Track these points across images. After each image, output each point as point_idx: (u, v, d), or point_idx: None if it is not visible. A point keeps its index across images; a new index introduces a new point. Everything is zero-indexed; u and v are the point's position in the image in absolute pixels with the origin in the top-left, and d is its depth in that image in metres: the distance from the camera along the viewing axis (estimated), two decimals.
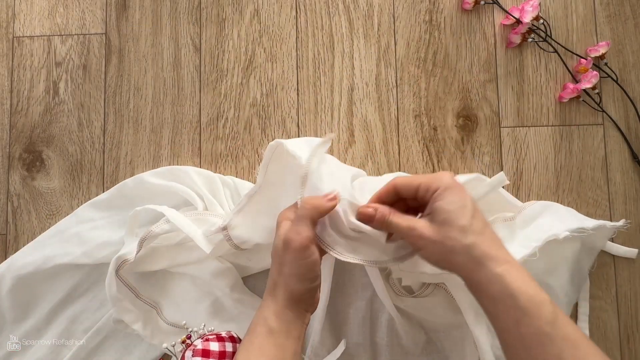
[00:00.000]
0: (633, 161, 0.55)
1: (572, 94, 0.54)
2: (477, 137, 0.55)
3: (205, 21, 0.57)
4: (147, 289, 0.50)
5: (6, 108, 0.57)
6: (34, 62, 0.57)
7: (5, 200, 0.56)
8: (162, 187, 0.51)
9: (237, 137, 0.56)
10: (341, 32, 0.57)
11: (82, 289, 0.53)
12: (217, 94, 0.56)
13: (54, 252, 0.51)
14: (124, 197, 0.53)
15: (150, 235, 0.46)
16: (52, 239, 0.53)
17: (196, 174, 0.52)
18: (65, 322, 0.53)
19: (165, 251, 0.49)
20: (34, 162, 0.56)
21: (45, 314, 0.53)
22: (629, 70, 0.56)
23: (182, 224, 0.46)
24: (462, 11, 0.57)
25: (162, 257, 0.50)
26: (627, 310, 0.53)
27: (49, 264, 0.51)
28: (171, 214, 0.47)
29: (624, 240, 0.54)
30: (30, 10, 0.58)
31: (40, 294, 0.53)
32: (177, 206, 0.51)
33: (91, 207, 0.54)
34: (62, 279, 0.53)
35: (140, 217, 0.49)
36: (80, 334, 0.52)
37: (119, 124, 0.56)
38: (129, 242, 0.48)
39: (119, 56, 0.57)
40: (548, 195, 0.54)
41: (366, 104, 0.56)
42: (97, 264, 0.51)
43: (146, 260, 0.49)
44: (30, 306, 0.53)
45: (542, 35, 0.56)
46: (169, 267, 0.50)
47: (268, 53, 0.57)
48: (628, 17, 0.56)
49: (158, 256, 0.50)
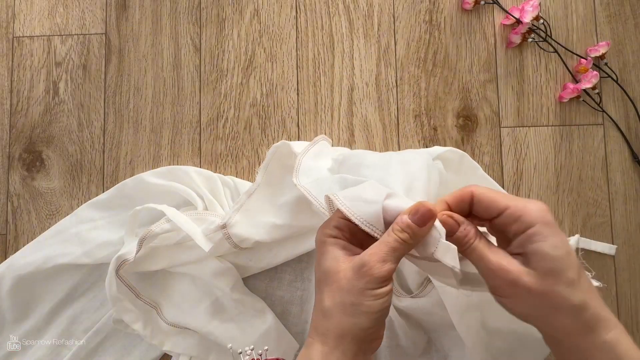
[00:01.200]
0: (633, 161, 0.55)
1: (572, 94, 0.54)
2: (477, 137, 0.55)
3: (205, 21, 0.57)
4: (147, 289, 0.50)
5: (6, 108, 0.57)
6: (33, 62, 0.57)
7: (5, 200, 0.56)
8: (162, 187, 0.51)
9: (237, 137, 0.56)
10: (341, 32, 0.57)
11: (83, 289, 0.53)
12: (217, 94, 0.56)
13: (54, 252, 0.51)
14: (124, 197, 0.53)
15: (150, 234, 0.46)
16: (52, 239, 0.53)
17: (196, 173, 0.51)
18: (65, 322, 0.52)
19: (165, 251, 0.49)
20: (33, 162, 0.56)
21: (45, 314, 0.52)
22: (629, 70, 0.56)
23: (182, 222, 0.46)
24: (462, 11, 0.57)
25: (162, 257, 0.50)
26: (627, 311, 0.53)
27: (49, 263, 0.51)
28: (171, 212, 0.46)
29: (624, 240, 0.54)
30: (30, 10, 0.58)
31: (41, 294, 0.53)
32: (178, 206, 0.51)
33: (91, 207, 0.53)
34: (62, 279, 0.52)
35: (140, 216, 0.49)
36: (80, 334, 0.52)
37: (118, 124, 0.56)
38: (128, 241, 0.48)
39: (118, 56, 0.57)
40: (548, 195, 0.54)
41: (366, 104, 0.56)
42: (98, 264, 0.51)
43: (146, 260, 0.49)
44: (30, 306, 0.53)
45: (542, 35, 0.56)
46: (169, 267, 0.50)
47: (268, 53, 0.57)
48: (628, 17, 0.56)
49: (158, 256, 0.50)
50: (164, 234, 0.47)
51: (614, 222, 0.54)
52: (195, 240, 0.45)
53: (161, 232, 0.46)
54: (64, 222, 0.54)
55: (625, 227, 0.54)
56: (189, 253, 0.49)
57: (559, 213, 0.54)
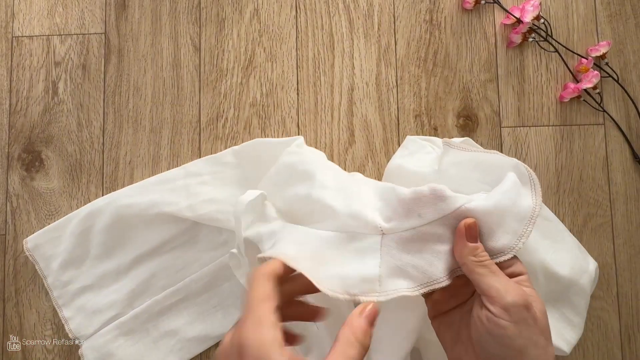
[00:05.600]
0: (634, 161, 0.55)
1: (572, 93, 0.54)
2: (478, 137, 0.55)
3: (204, 21, 0.57)
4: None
5: (5, 108, 0.57)
6: (33, 62, 0.57)
7: (5, 200, 0.56)
8: (275, 156, 0.49)
9: (237, 137, 0.56)
10: (341, 31, 0.56)
11: (171, 246, 0.53)
12: (217, 94, 0.56)
13: (161, 198, 0.51)
14: (236, 155, 0.53)
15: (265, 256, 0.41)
16: (158, 186, 0.53)
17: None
18: (146, 273, 0.52)
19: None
20: (33, 162, 0.56)
21: (129, 260, 0.52)
22: (630, 70, 0.56)
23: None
24: (462, 11, 0.57)
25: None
26: (628, 311, 0.53)
27: (153, 209, 0.51)
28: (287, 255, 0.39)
29: (625, 240, 0.54)
30: (29, 10, 0.58)
31: (132, 239, 0.53)
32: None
33: (200, 161, 0.53)
34: (158, 229, 0.53)
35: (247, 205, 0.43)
36: (156, 289, 0.52)
37: (118, 124, 0.56)
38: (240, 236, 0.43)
39: (118, 56, 0.57)
40: (549, 195, 0.54)
41: (366, 103, 0.56)
42: (195, 223, 0.52)
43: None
44: (118, 247, 0.53)
45: (543, 35, 0.55)
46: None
47: (268, 53, 0.56)
48: (629, 16, 0.56)
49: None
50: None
51: (615, 222, 0.54)
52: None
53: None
54: (171, 173, 0.54)
55: (626, 227, 0.54)
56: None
57: (559, 213, 0.54)
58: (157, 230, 0.53)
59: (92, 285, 0.52)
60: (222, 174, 0.53)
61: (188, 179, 0.53)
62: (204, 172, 0.53)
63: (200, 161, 0.54)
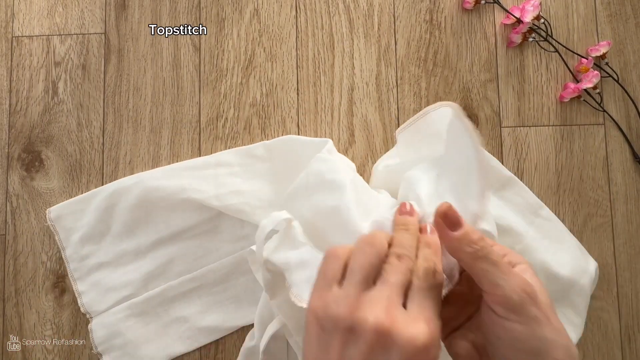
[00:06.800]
0: (634, 161, 0.55)
1: (573, 93, 0.54)
2: None
3: (204, 21, 0.57)
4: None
5: (5, 108, 0.57)
6: (33, 62, 0.57)
7: (4, 200, 0.56)
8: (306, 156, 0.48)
9: (237, 137, 0.56)
10: (341, 31, 0.56)
11: (193, 233, 0.53)
12: (217, 94, 0.56)
13: (190, 185, 0.52)
14: (267, 150, 0.53)
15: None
16: (187, 171, 0.53)
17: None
18: (164, 257, 0.53)
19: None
20: (33, 162, 0.56)
21: (150, 242, 0.53)
22: (630, 70, 0.56)
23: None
24: (462, 11, 0.57)
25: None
26: (628, 311, 0.53)
27: (181, 195, 0.51)
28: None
29: (625, 240, 0.54)
30: (29, 9, 0.58)
31: (154, 221, 0.53)
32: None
33: (231, 152, 0.54)
34: (184, 215, 0.53)
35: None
36: (172, 275, 0.52)
37: (118, 124, 0.56)
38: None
39: (118, 56, 0.57)
40: (549, 195, 0.54)
41: (366, 103, 0.56)
42: (219, 213, 0.52)
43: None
44: (140, 228, 0.53)
45: (543, 35, 0.55)
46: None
47: (268, 53, 0.56)
48: (629, 16, 0.56)
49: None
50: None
51: (615, 222, 0.54)
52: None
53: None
54: (202, 160, 0.54)
55: (626, 227, 0.54)
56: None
57: (559, 213, 0.54)
58: (180, 216, 0.53)
59: (110, 262, 0.52)
60: (252, 166, 0.53)
61: (218, 168, 0.53)
62: (234, 163, 0.53)
63: (231, 152, 0.54)
